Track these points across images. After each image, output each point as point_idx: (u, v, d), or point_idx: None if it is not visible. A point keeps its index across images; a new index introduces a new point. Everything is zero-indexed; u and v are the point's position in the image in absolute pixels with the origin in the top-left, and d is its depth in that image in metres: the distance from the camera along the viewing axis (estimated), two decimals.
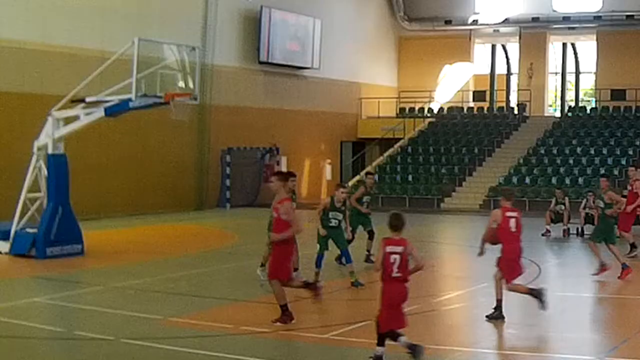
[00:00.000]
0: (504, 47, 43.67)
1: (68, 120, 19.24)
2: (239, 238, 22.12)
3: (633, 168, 20.92)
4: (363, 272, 15.79)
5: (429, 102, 42.13)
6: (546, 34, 41.58)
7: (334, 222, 15.32)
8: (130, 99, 18.31)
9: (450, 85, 43.11)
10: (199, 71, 20.24)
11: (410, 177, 36.06)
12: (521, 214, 12.42)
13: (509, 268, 12.19)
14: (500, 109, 42.07)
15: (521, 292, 12.39)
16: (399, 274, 9.80)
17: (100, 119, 19.15)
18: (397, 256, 9.71)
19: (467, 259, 20.81)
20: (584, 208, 24.18)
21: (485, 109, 41.98)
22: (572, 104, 41.99)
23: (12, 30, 25.35)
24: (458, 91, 43.08)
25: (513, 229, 12.25)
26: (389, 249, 9.72)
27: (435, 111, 42.10)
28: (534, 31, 41.08)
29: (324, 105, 38.85)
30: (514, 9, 40.63)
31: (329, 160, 39.71)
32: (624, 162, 33.83)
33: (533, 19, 40.60)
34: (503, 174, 34.42)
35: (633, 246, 18.92)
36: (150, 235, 23.83)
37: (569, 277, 17.28)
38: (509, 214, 12.29)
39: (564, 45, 42.26)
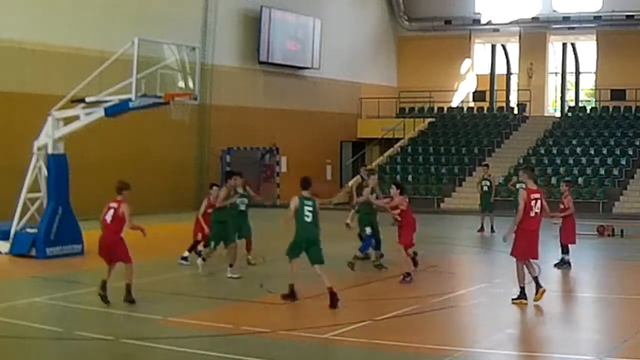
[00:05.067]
0: (504, 47, 43.68)
1: (68, 120, 19.23)
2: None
3: None
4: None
5: (429, 102, 42.07)
6: (546, 34, 41.59)
7: None
8: (130, 99, 18.30)
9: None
10: (199, 71, 20.22)
11: (410, 177, 36.05)
12: None
13: None
14: (500, 109, 42.06)
15: None
16: None
17: (100, 119, 19.14)
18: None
19: (467, 259, 20.83)
20: None
21: (485, 109, 41.98)
22: (572, 104, 42.00)
23: (12, 30, 25.34)
24: (458, 92, 43.20)
25: None
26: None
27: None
28: (534, 31, 41.08)
29: (324, 105, 38.83)
30: (519, 10, 40.52)
31: (329, 160, 39.68)
32: (623, 162, 33.84)
33: (533, 19, 40.60)
34: (503, 174, 34.40)
35: None
36: (150, 235, 23.77)
37: (569, 277, 17.27)
38: None
39: (564, 45, 42.26)
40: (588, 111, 39.69)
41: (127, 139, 28.23)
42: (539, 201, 13.27)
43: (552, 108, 43.42)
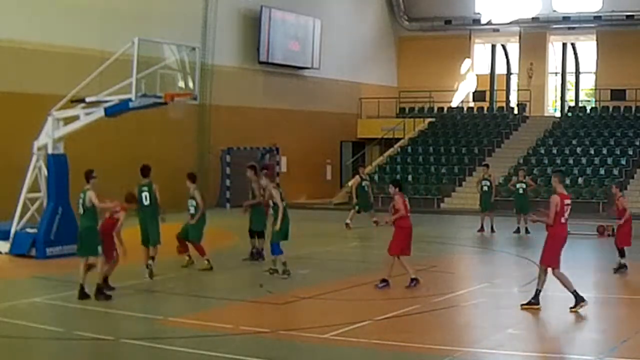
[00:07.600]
0: (504, 47, 43.68)
1: (68, 120, 19.24)
2: (239, 238, 22.08)
3: None
4: None
5: (429, 102, 42.08)
6: (546, 34, 41.59)
7: None
8: (130, 99, 18.31)
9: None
10: (199, 71, 20.23)
11: (410, 177, 36.05)
12: None
13: None
14: (500, 109, 42.06)
15: None
16: None
17: (100, 119, 19.15)
18: None
19: (467, 259, 20.83)
20: None
21: (485, 109, 41.98)
22: (572, 104, 42.00)
23: (12, 30, 25.33)
24: (458, 92, 43.22)
25: None
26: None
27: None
28: (534, 31, 41.09)
29: (324, 105, 38.83)
30: (519, 10, 40.50)
31: (329, 160, 39.70)
32: (623, 162, 33.84)
33: (533, 19, 40.61)
34: (503, 174, 34.41)
35: None
36: None
37: (569, 277, 17.26)
38: None
39: (564, 45, 42.26)
40: (588, 111, 39.68)
41: (127, 139, 28.21)
42: (570, 207, 12.95)
43: (552, 108, 43.43)
